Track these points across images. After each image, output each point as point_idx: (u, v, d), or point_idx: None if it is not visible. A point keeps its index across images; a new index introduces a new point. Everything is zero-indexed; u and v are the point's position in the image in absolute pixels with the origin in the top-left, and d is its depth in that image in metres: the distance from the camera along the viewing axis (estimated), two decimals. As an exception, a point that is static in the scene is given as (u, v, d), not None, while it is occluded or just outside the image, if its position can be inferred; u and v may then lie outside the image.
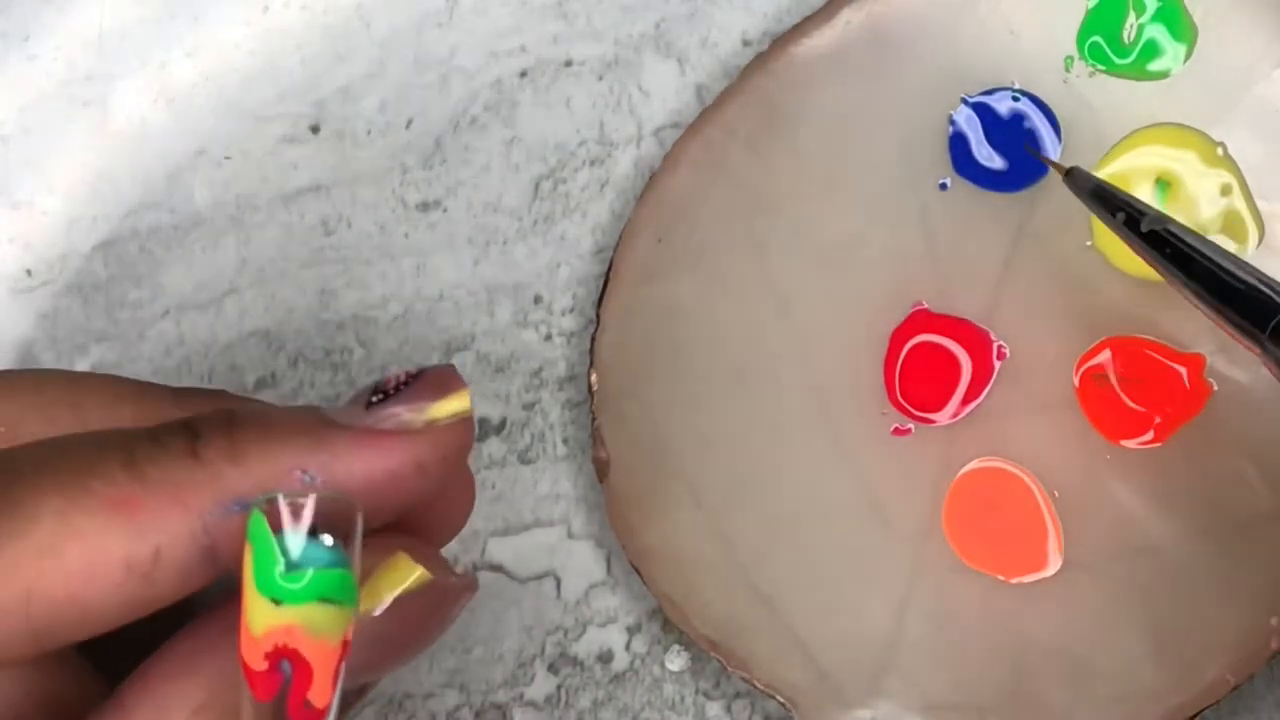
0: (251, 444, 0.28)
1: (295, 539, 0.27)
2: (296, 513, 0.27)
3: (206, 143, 0.47)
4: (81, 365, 0.46)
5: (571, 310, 0.45)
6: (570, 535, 0.44)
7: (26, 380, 0.32)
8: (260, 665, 0.27)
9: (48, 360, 0.46)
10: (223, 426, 0.29)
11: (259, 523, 0.27)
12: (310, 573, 0.27)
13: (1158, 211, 0.37)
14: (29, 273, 0.47)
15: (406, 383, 0.30)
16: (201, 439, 0.28)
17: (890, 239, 0.43)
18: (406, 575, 0.30)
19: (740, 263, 0.44)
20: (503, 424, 0.45)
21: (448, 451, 0.30)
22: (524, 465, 0.45)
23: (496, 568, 0.44)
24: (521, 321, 0.46)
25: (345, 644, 0.28)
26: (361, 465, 0.29)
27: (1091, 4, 0.43)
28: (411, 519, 0.31)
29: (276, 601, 0.27)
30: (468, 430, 0.30)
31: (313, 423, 0.29)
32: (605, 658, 0.44)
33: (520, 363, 0.45)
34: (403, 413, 0.29)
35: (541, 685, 0.43)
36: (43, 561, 0.27)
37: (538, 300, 0.46)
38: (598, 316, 0.43)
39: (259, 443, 0.29)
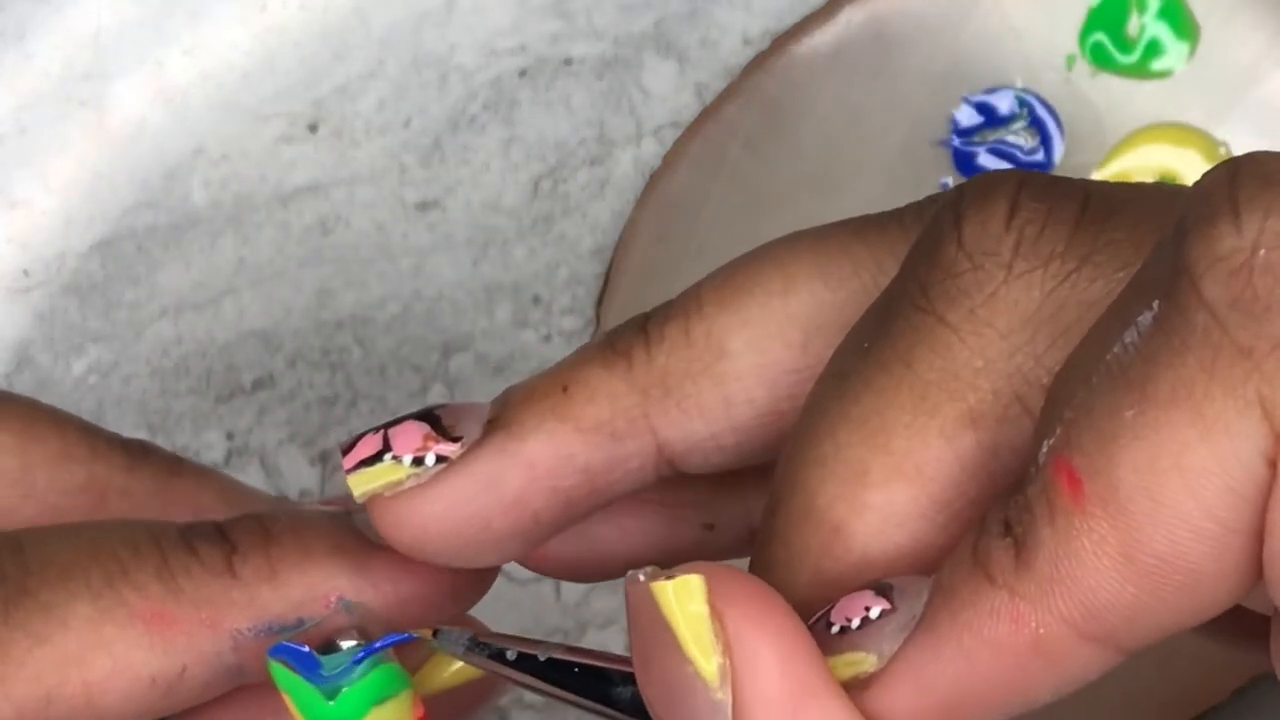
0: (290, 565, 0.28)
1: (327, 665, 0.27)
2: (312, 641, 0.28)
3: (204, 142, 0.47)
4: (79, 365, 0.46)
5: (571, 310, 0.45)
6: (569, 536, 0.44)
7: None
8: None
9: (44, 361, 0.46)
10: (260, 541, 0.28)
11: (282, 672, 0.27)
12: (356, 682, 0.27)
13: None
14: (26, 273, 0.47)
15: None
16: (238, 553, 0.28)
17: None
18: (451, 672, 0.30)
19: (740, 263, 0.44)
20: (502, 425, 0.45)
21: (484, 573, 0.30)
22: (523, 466, 0.44)
23: (495, 569, 0.44)
24: (521, 322, 0.45)
25: (422, 717, 0.28)
26: (394, 588, 0.28)
27: (1094, 3, 0.43)
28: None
29: None
30: None
31: (349, 541, 0.29)
32: (605, 659, 0.43)
33: (519, 363, 0.45)
34: None
35: (541, 687, 0.43)
36: (68, 669, 0.27)
37: (537, 300, 0.45)
38: (597, 316, 0.43)
39: (298, 564, 0.28)
